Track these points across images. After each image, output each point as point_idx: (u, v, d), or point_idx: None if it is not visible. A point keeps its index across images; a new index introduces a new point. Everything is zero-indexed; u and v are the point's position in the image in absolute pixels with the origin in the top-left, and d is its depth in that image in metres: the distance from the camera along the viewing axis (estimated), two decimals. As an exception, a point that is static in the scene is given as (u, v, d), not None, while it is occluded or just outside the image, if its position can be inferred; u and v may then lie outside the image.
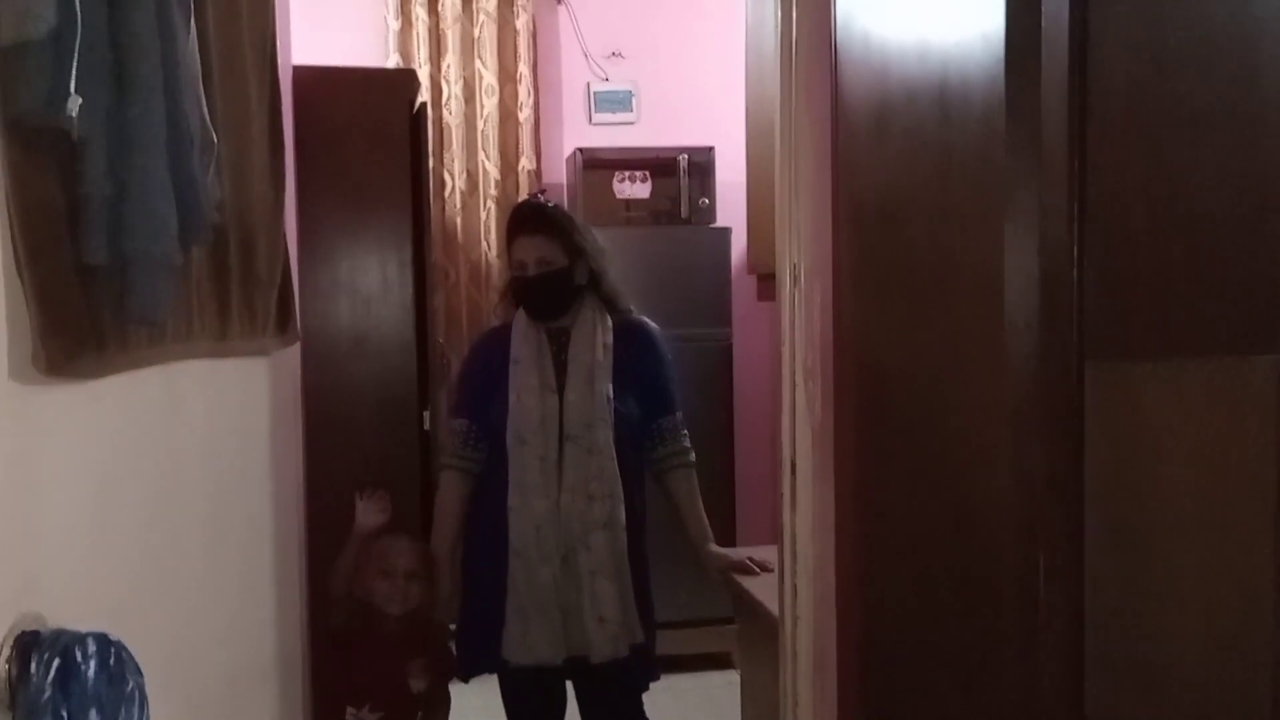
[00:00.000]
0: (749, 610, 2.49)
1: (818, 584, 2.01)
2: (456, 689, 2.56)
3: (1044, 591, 1.40)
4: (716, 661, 3.93)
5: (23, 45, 0.98)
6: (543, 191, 3.39)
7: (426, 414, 3.02)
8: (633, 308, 2.58)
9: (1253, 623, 1.45)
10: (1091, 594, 1.41)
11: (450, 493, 2.51)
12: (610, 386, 2.43)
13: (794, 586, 2.05)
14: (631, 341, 2.51)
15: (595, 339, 2.46)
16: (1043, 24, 1.35)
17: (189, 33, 1.27)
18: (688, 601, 3.69)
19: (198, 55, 1.29)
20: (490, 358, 2.51)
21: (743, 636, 2.71)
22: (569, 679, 2.51)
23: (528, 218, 2.53)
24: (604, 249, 2.54)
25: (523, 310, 2.51)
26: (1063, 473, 1.39)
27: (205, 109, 1.31)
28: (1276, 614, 1.46)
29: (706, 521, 2.58)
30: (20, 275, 1.02)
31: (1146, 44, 1.37)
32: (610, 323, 2.49)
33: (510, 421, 2.40)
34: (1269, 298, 1.42)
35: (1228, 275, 1.41)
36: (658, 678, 2.60)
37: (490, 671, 2.50)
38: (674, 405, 2.56)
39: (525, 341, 2.46)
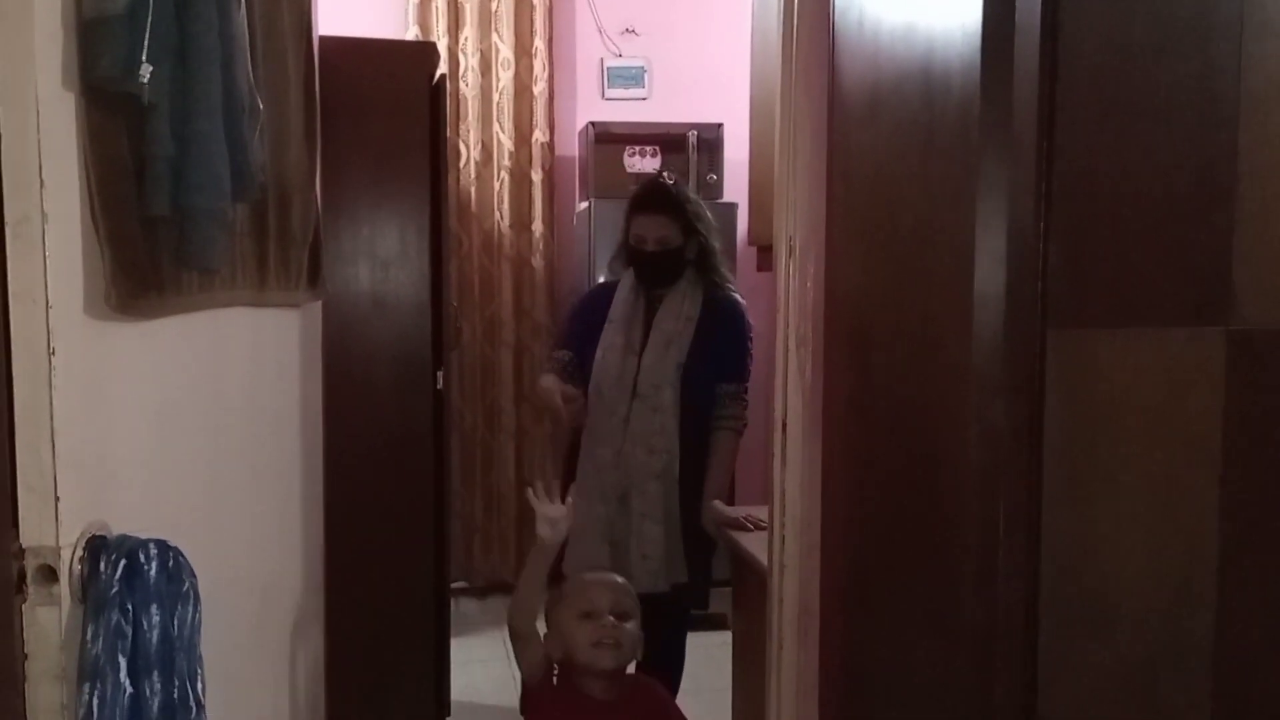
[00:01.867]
0: (743, 564, 2.64)
1: (805, 535, 2.15)
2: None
3: (1003, 538, 1.53)
4: (713, 622, 4.09)
5: (103, 19, 1.12)
6: (665, 172, 3.70)
7: (440, 374, 3.16)
8: (729, 284, 2.86)
9: (1198, 570, 1.59)
10: (1048, 541, 1.54)
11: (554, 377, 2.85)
12: (684, 354, 2.73)
13: (783, 538, 2.19)
14: (716, 314, 2.81)
15: (681, 310, 2.76)
16: (1016, 16, 1.48)
17: (240, 8, 1.40)
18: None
19: (246, 29, 1.42)
20: (595, 307, 2.87)
21: (736, 590, 2.86)
22: None
23: (655, 197, 2.81)
24: (715, 227, 2.84)
25: (631, 272, 2.80)
26: (1023, 430, 1.52)
27: (251, 79, 1.44)
28: (1220, 562, 1.59)
29: (725, 482, 2.85)
30: (95, 224, 1.16)
31: (1112, 37, 1.49)
32: (700, 296, 2.78)
33: (594, 374, 2.76)
34: (1218, 274, 1.55)
35: (1181, 253, 1.54)
36: (706, 606, 3.00)
37: None
38: (738, 375, 2.85)
39: (623, 303, 2.79)
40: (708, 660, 3.55)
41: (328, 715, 2.29)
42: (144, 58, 1.14)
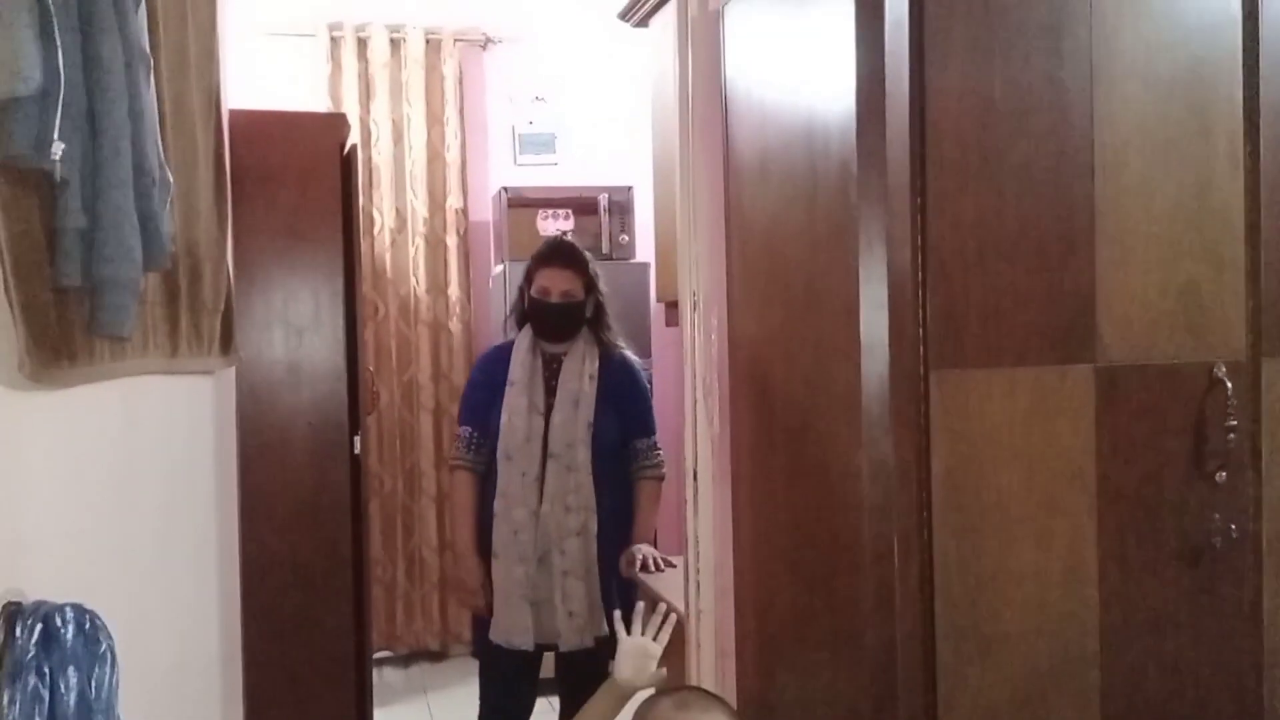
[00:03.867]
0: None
1: (719, 579, 2.22)
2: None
3: (898, 567, 1.62)
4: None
5: (15, 99, 1.16)
6: (565, 234, 3.92)
7: (357, 439, 3.17)
8: (620, 343, 2.94)
9: (1079, 594, 1.69)
10: (940, 569, 1.63)
11: (464, 490, 2.90)
12: (592, 412, 2.79)
13: (697, 584, 2.26)
14: (615, 372, 2.88)
15: (583, 369, 2.83)
16: (886, 83, 1.60)
17: (149, 85, 1.45)
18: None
19: (155, 104, 1.48)
20: (493, 373, 2.89)
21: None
22: (544, 661, 2.90)
23: (560, 252, 2.91)
24: (606, 291, 2.92)
25: (526, 331, 2.86)
26: (911, 465, 1.62)
27: (161, 152, 1.49)
28: (1100, 586, 1.70)
29: (648, 527, 2.93)
30: (8, 294, 1.19)
31: (974, 105, 1.63)
32: (597, 355, 2.86)
33: (501, 439, 2.77)
34: (1080, 316, 1.68)
35: (1046, 297, 1.66)
36: None
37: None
38: (649, 429, 2.94)
39: (521, 366, 2.82)
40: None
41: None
42: (55, 135, 1.18)
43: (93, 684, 1.19)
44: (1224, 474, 1.71)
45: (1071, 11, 1.65)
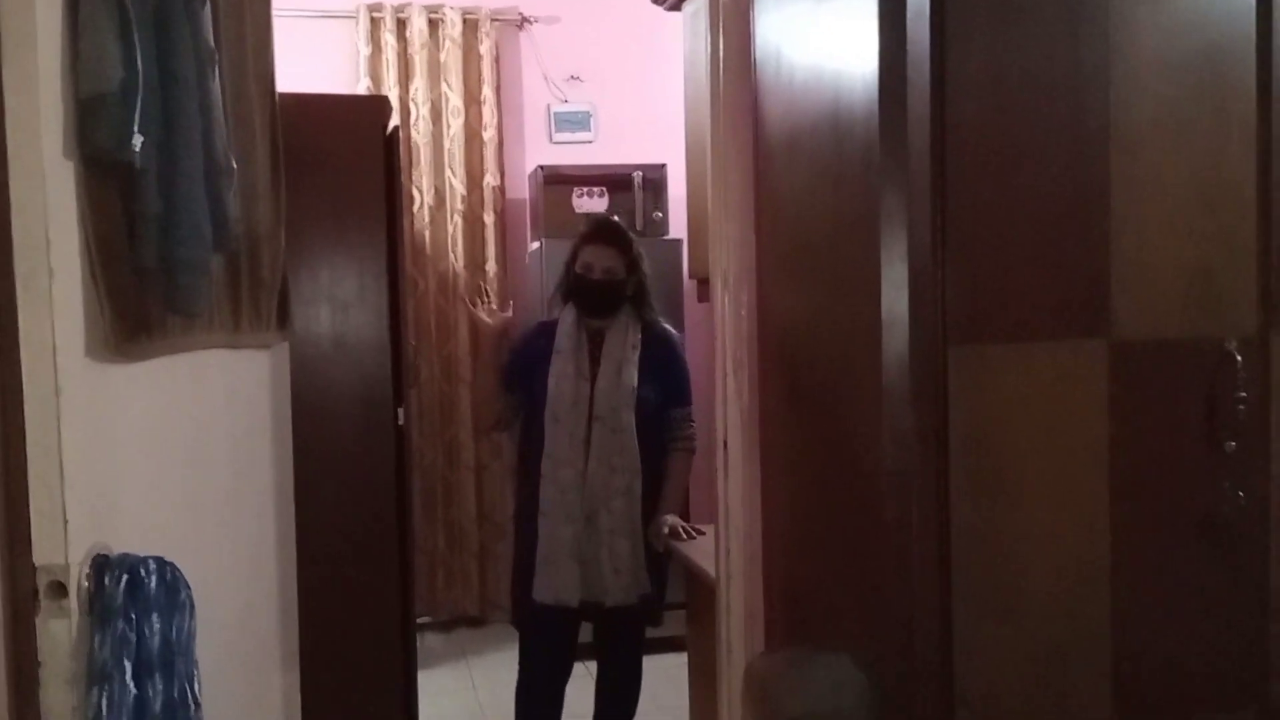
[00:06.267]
0: (695, 580, 2.80)
1: (748, 545, 2.31)
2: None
3: (917, 534, 1.71)
4: (670, 645, 4.23)
5: (98, 96, 1.27)
6: (613, 215, 4.10)
7: (400, 411, 3.29)
8: (661, 319, 3.06)
9: (1093, 558, 1.77)
10: (958, 536, 1.72)
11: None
12: (635, 378, 2.92)
13: (728, 549, 2.35)
14: (656, 345, 3.01)
15: (626, 339, 2.96)
16: (908, 70, 1.67)
17: (215, 78, 1.55)
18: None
19: (221, 99, 1.58)
20: (535, 345, 3.02)
21: (689, 607, 3.01)
22: (586, 620, 3.02)
23: (604, 231, 3.05)
24: (650, 273, 3.05)
25: (572, 306, 2.98)
26: (930, 437, 1.70)
27: (226, 141, 1.60)
28: (1113, 550, 1.78)
29: (679, 499, 3.04)
30: (94, 276, 1.30)
31: (992, 86, 1.69)
32: (640, 328, 2.98)
33: (549, 402, 2.89)
34: (1097, 292, 1.75)
35: (1064, 274, 1.73)
36: (661, 622, 3.15)
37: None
38: (686, 399, 3.06)
39: (568, 337, 2.95)
40: (666, 680, 3.69)
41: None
42: (135, 130, 1.29)
43: (174, 628, 1.32)
44: (1233, 444, 1.77)
45: (1089, -3, 1.71)
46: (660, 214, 4.70)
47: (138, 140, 1.29)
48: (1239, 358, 1.77)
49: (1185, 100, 1.76)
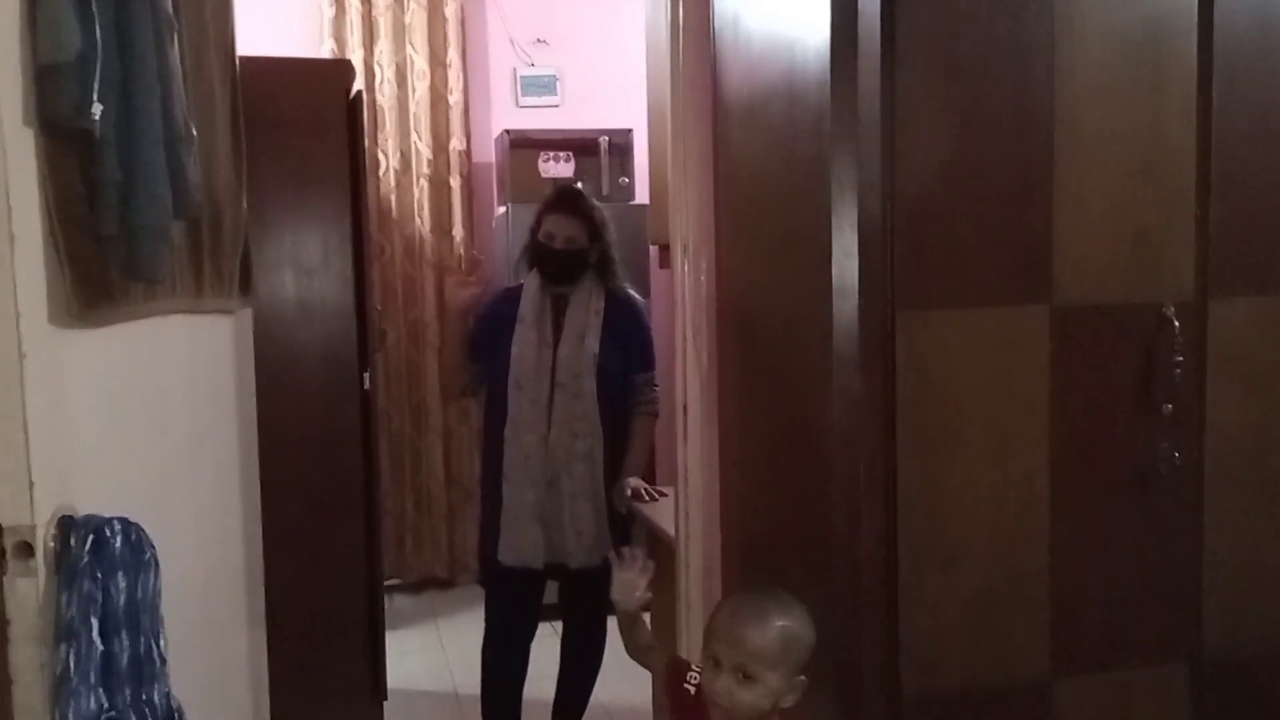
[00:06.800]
0: (656, 540, 2.86)
1: (706, 506, 2.37)
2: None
3: (864, 489, 1.77)
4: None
5: (56, 65, 1.28)
6: (578, 183, 4.08)
7: (366, 375, 3.31)
8: (626, 285, 3.10)
9: (1032, 512, 1.84)
10: (903, 492, 1.78)
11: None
12: (597, 345, 2.95)
13: (687, 510, 2.42)
14: (619, 310, 3.04)
15: (589, 305, 2.99)
16: (859, 42, 1.71)
17: (174, 45, 1.56)
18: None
19: (179, 65, 1.59)
20: (500, 311, 3.06)
21: (650, 559, 3.07)
22: (550, 580, 3.07)
23: (566, 200, 3.06)
24: (616, 240, 3.08)
25: (535, 273, 3.02)
26: (878, 398, 1.76)
27: (185, 108, 1.61)
28: (1051, 509, 1.85)
29: (641, 462, 3.09)
30: (55, 243, 1.32)
31: (941, 58, 1.73)
32: (604, 293, 3.01)
33: (511, 369, 2.94)
34: (1039, 259, 1.80)
35: (1007, 242, 1.79)
36: None
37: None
38: (649, 364, 3.10)
39: (531, 303, 2.99)
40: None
41: (271, 698, 2.45)
42: (94, 98, 1.30)
43: (139, 587, 1.35)
44: (1170, 406, 1.85)
45: (1035, -29, 1.75)
46: (626, 179, 4.72)
47: (97, 109, 1.31)
48: (1176, 323, 1.84)
49: (1127, 72, 1.81)
